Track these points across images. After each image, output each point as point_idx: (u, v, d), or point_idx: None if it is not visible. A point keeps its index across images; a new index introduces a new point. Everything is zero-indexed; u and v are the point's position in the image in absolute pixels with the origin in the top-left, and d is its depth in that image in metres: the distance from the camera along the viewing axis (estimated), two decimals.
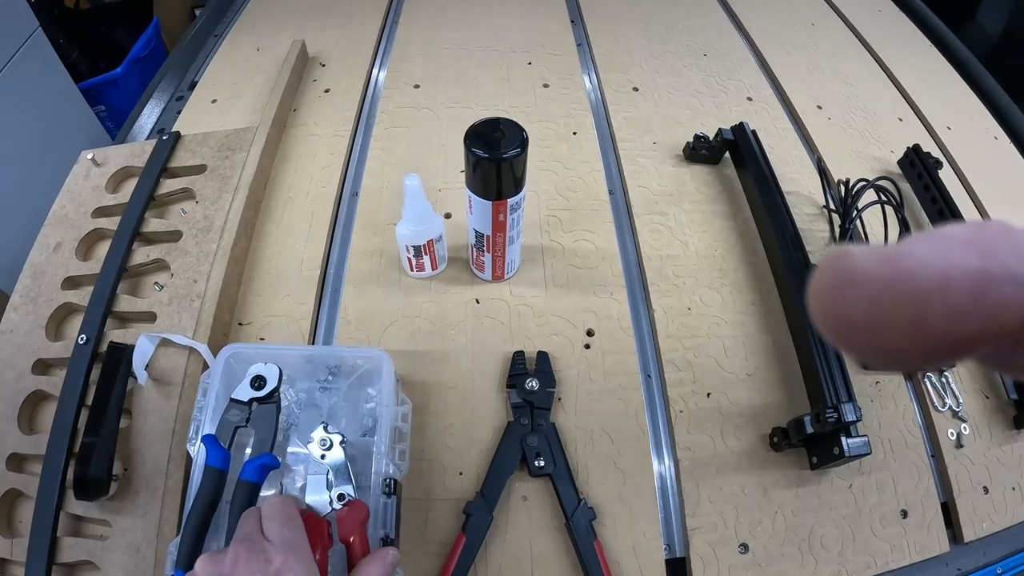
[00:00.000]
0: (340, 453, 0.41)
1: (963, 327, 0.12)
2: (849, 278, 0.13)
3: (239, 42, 0.87)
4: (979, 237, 0.12)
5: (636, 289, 0.60)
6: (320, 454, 0.41)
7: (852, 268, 0.13)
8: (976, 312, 0.12)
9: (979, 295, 0.12)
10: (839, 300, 0.14)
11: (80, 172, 0.65)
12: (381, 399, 0.46)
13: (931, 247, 0.12)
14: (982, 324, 0.12)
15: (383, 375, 0.46)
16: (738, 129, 0.66)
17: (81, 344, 0.51)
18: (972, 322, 0.12)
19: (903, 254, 0.13)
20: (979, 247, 0.12)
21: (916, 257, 0.12)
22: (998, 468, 0.52)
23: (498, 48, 0.85)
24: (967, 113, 0.86)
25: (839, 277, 0.14)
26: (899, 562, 0.47)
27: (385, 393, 0.46)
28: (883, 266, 0.13)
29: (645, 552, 0.45)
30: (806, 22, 0.98)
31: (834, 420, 0.45)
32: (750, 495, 0.48)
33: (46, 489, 0.45)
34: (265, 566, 0.32)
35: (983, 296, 0.12)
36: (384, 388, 0.46)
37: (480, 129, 0.43)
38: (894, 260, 0.13)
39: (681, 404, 0.52)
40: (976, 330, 0.12)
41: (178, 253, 0.58)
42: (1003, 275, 0.12)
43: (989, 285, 0.12)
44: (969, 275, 0.12)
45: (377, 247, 0.60)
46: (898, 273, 0.13)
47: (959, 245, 0.12)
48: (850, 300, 0.13)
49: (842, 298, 0.14)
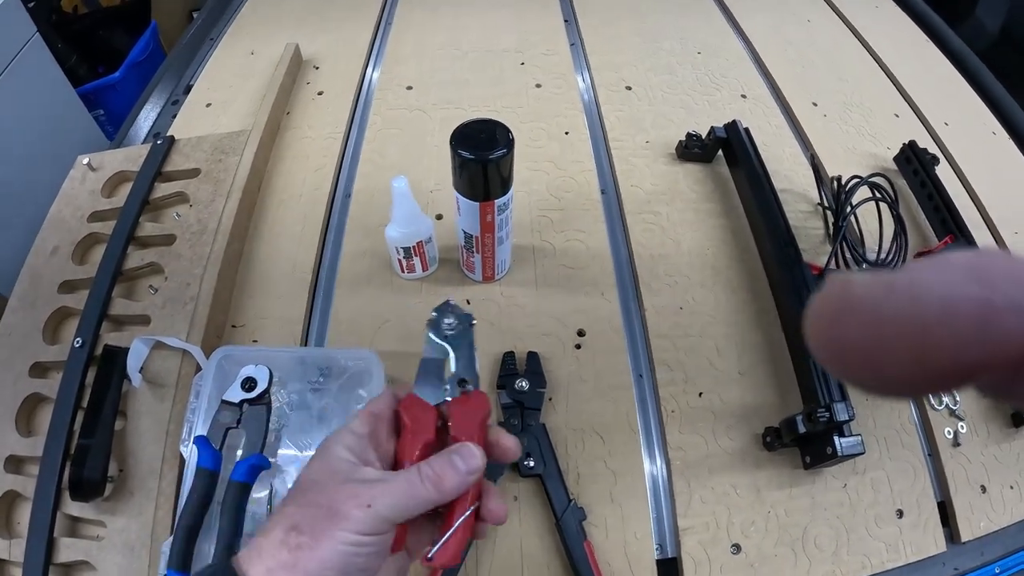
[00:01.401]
0: (471, 335, 0.35)
1: (965, 357, 0.12)
2: (850, 307, 0.13)
3: (234, 46, 0.87)
4: (980, 265, 0.12)
5: (628, 289, 0.60)
6: (445, 333, 0.35)
7: (853, 296, 0.13)
8: (979, 342, 0.12)
9: (982, 325, 0.11)
10: (840, 328, 0.13)
11: (76, 177, 0.66)
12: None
13: (933, 275, 0.12)
14: (985, 354, 0.12)
15: (374, 376, 0.46)
16: (731, 127, 0.66)
17: (77, 347, 0.51)
18: (975, 352, 0.12)
19: (905, 282, 0.13)
20: (981, 275, 0.12)
21: (918, 285, 0.12)
22: (995, 467, 0.52)
23: (491, 49, 0.85)
24: (964, 109, 0.85)
25: (840, 306, 0.14)
26: (895, 562, 0.47)
27: (376, 394, 0.46)
28: (885, 294, 0.13)
29: (636, 552, 0.45)
30: (802, 19, 0.97)
31: (826, 420, 0.45)
32: (743, 495, 0.48)
33: (43, 490, 0.45)
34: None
35: (986, 326, 0.11)
36: (375, 389, 0.46)
37: (466, 130, 0.43)
38: (896, 289, 0.13)
39: (673, 404, 0.52)
40: (978, 360, 0.12)
41: (172, 256, 0.58)
42: (1006, 304, 0.11)
43: (992, 315, 0.11)
44: (972, 304, 0.12)
45: (369, 249, 0.60)
46: (900, 302, 0.12)
47: (961, 273, 0.12)
48: (851, 329, 0.13)
49: (843, 327, 0.13)
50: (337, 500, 0.26)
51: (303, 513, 0.26)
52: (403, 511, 0.27)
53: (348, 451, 0.29)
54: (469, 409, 0.31)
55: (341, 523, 0.25)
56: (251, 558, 0.25)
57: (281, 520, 0.26)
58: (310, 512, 0.26)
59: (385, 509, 0.26)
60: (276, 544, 0.25)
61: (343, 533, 0.25)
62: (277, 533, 0.26)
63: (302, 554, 0.25)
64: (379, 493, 0.27)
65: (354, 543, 0.25)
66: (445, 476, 0.28)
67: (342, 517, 0.25)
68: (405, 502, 0.27)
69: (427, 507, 0.28)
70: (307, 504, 0.26)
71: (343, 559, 0.25)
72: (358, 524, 0.25)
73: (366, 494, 0.26)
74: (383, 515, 0.26)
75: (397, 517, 0.27)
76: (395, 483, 0.27)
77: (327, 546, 0.25)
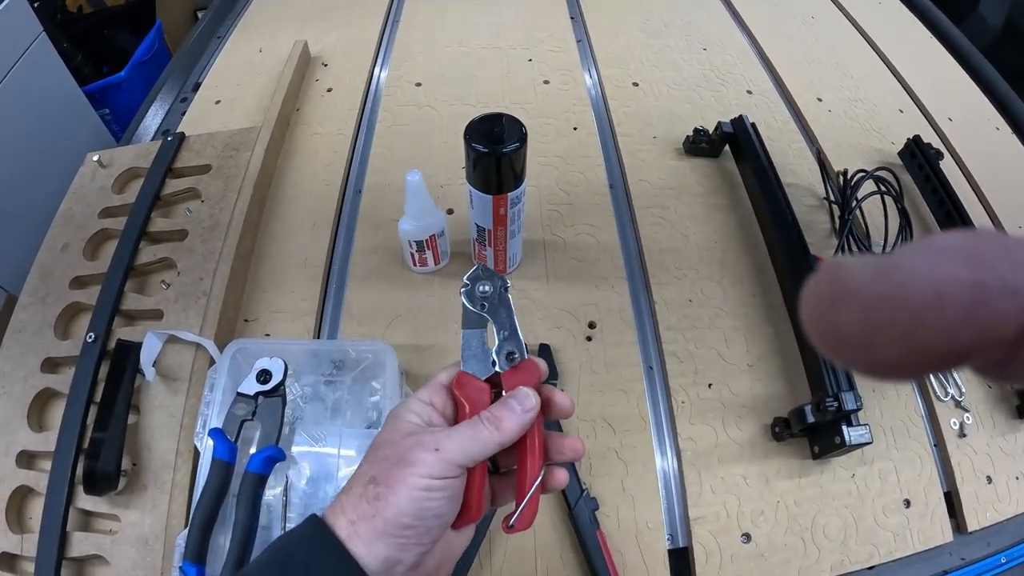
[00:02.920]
0: (508, 301, 0.33)
1: (957, 340, 0.12)
2: (842, 292, 0.13)
3: (241, 43, 0.88)
4: (972, 246, 0.12)
5: (637, 281, 0.60)
6: (481, 303, 0.33)
7: (845, 281, 0.13)
8: (971, 325, 0.12)
9: (974, 308, 0.11)
10: (833, 314, 0.14)
11: (86, 173, 0.66)
12: (385, 392, 0.46)
13: (924, 258, 0.12)
14: (977, 336, 0.12)
15: (387, 368, 0.47)
16: (737, 122, 0.67)
17: (89, 342, 0.51)
18: (967, 335, 0.12)
19: (896, 267, 0.13)
20: (972, 257, 0.12)
21: (909, 270, 0.12)
22: (1001, 457, 0.52)
23: (498, 45, 0.85)
24: (968, 104, 0.86)
25: (832, 291, 0.14)
26: (902, 552, 0.47)
27: (389, 386, 0.46)
28: (877, 280, 0.13)
29: (648, 542, 0.45)
30: (806, 15, 0.98)
31: (834, 409, 0.45)
32: (752, 485, 0.48)
33: (56, 485, 0.45)
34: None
35: (978, 309, 0.11)
36: (388, 381, 0.46)
37: (480, 124, 0.43)
38: (888, 273, 0.13)
39: (683, 395, 0.52)
40: (971, 342, 0.12)
41: (184, 252, 0.58)
42: (997, 286, 0.11)
43: (984, 297, 0.11)
44: (963, 287, 0.12)
45: (380, 243, 0.61)
46: (892, 287, 0.12)
47: (952, 256, 0.12)
48: (844, 314, 0.13)
49: (836, 312, 0.13)
50: (407, 450, 0.28)
51: (378, 467, 0.28)
52: (469, 454, 0.28)
53: (416, 415, 0.30)
54: (521, 381, 0.31)
55: (412, 469, 0.27)
56: (335, 513, 0.27)
57: (359, 477, 0.28)
58: (384, 465, 0.28)
59: (452, 453, 0.28)
60: (356, 498, 0.27)
61: (415, 479, 0.27)
62: (356, 488, 0.28)
63: (380, 504, 0.26)
64: (444, 438, 0.28)
65: (426, 487, 0.27)
66: (504, 417, 0.29)
67: (412, 463, 0.27)
68: (470, 445, 0.28)
69: (491, 449, 0.29)
70: (380, 460, 0.28)
71: (417, 504, 0.26)
72: (428, 468, 0.27)
73: (432, 441, 0.28)
74: (450, 458, 0.27)
75: (464, 460, 0.28)
76: (459, 430, 0.29)
77: (402, 492, 0.26)
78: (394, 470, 0.27)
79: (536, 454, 0.30)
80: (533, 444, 0.30)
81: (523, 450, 0.30)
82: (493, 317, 0.32)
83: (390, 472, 0.27)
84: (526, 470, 0.30)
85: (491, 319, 0.32)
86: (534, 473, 0.30)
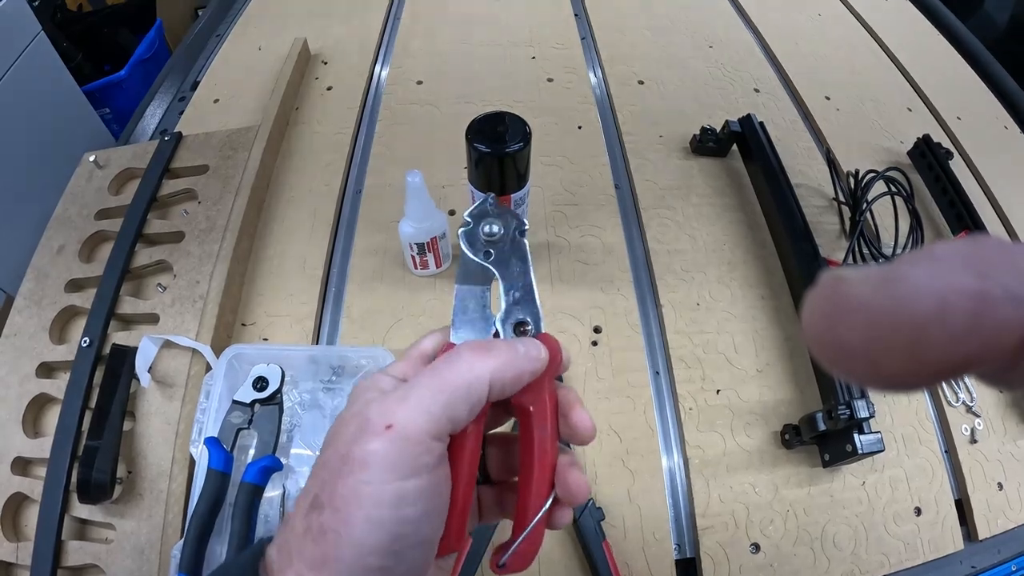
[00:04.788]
0: (523, 249, 0.25)
1: (961, 350, 0.12)
2: (844, 305, 0.13)
3: (241, 41, 0.86)
4: (974, 255, 0.12)
5: (644, 285, 0.59)
6: (486, 249, 0.24)
7: (846, 295, 0.13)
8: (975, 334, 0.11)
9: (977, 318, 0.11)
10: (835, 328, 0.13)
11: (82, 174, 0.65)
12: None
13: (926, 269, 0.12)
14: (981, 346, 0.11)
15: None
16: (745, 121, 0.65)
17: (84, 347, 0.50)
18: (971, 345, 0.11)
19: (898, 278, 0.12)
20: (975, 266, 0.12)
21: (911, 281, 0.12)
22: (1012, 464, 0.52)
23: (501, 43, 0.84)
24: (977, 102, 0.85)
25: (834, 304, 0.13)
26: (913, 560, 0.46)
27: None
28: (878, 292, 0.13)
29: (655, 553, 0.44)
30: (812, 12, 0.96)
31: (847, 417, 0.44)
32: (761, 494, 0.47)
33: (51, 493, 0.44)
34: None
35: (981, 319, 0.11)
36: None
37: (482, 123, 0.42)
38: (889, 285, 0.12)
39: (690, 401, 0.51)
40: (975, 352, 0.12)
41: (180, 254, 0.57)
42: (1001, 295, 0.11)
43: (987, 307, 0.11)
44: (966, 297, 0.11)
45: (381, 245, 0.60)
46: (894, 299, 0.12)
47: (955, 265, 0.12)
48: (846, 327, 0.13)
49: (837, 325, 0.13)
50: (350, 440, 0.19)
51: (320, 478, 0.19)
52: (441, 413, 0.19)
53: (380, 393, 0.21)
54: None
55: (363, 473, 0.18)
56: (280, 558, 0.19)
57: (302, 499, 0.20)
58: (326, 474, 0.19)
59: (415, 421, 0.18)
60: (300, 535, 0.19)
61: (366, 486, 0.18)
62: (299, 520, 0.19)
63: (328, 542, 0.18)
64: (398, 403, 0.19)
65: (392, 497, 0.18)
66: (495, 348, 0.21)
67: (361, 462, 0.18)
68: (442, 398, 0.19)
69: (476, 403, 0.20)
70: (322, 465, 0.20)
71: (385, 530, 0.18)
72: (383, 461, 0.18)
73: (381, 414, 0.19)
74: (415, 431, 0.18)
75: (435, 427, 0.19)
76: (420, 382, 0.20)
77: (356, 516, 0.18)
78: (338, 481, 0.18)
79: (546, 464, 0.22)
80: (543, 450, 0.22)
81: (528, 457, 0.22)
82: (500, 270, 0.24)
83: (334, 485, 0.18)
84: (531, 488, 0.22)
85: (497, 273, 0.24)
86: (541, 494, 0.22)
